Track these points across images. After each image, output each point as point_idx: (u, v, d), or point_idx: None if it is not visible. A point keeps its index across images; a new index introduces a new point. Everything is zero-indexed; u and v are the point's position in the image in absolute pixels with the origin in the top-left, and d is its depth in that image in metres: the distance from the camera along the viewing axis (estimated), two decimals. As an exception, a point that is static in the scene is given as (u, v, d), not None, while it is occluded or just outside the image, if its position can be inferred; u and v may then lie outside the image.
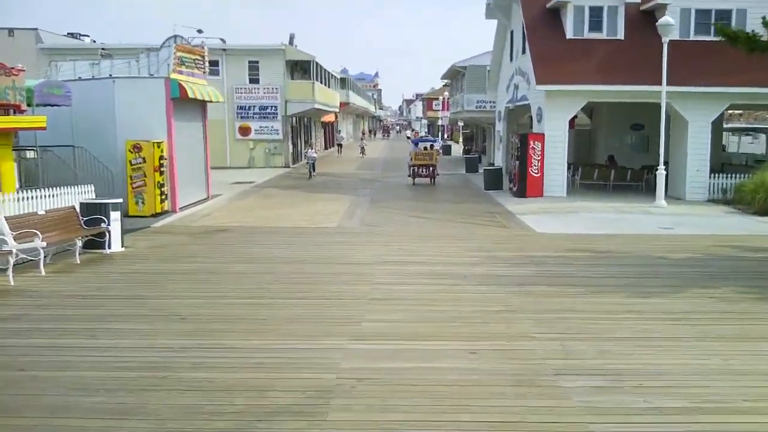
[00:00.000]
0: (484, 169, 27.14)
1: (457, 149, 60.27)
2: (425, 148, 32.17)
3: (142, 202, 18.57)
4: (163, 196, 19.03)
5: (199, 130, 22.61)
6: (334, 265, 13.03)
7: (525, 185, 24.08)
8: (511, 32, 31.17)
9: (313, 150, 37.68)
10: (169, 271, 12.49)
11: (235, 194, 25.25)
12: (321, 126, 57.43)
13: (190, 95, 19.76)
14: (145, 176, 18.54)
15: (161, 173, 18.84)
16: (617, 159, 28.96)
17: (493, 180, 26.69)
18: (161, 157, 18.81)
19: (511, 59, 31.47)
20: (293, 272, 12.30)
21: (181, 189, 20.21)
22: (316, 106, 39.53)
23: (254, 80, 38.75)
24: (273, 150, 39.17)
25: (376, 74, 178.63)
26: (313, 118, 49.95)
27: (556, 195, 24.06)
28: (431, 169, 30.05)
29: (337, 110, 56.02)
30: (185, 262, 13.23)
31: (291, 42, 42.00)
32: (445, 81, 51.19)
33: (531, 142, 23.99)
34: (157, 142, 18.78)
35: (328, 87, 51.51)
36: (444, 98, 77.01)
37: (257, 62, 38.65)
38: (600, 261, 13.32)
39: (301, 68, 42.30)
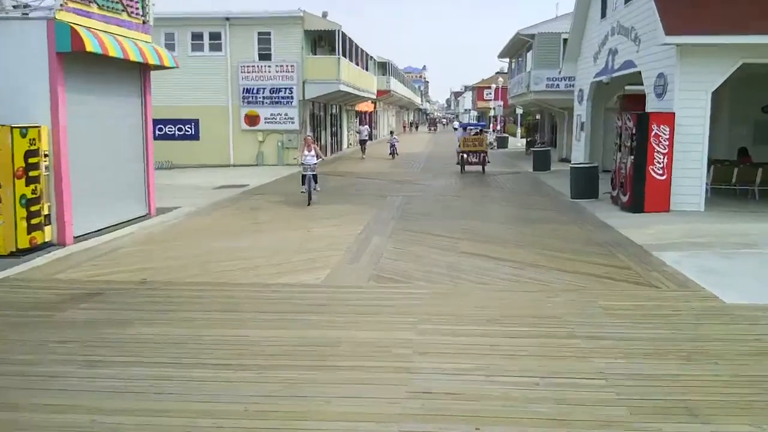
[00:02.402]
0: (573, 167, 18.53)
1: (515, 143, 51.45)
2: (475, 134, 28.96)
3: (-6, 231, 10.68)
4: (39, 220, 11.10)
5: (134, 112, 14.66)
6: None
7: (642, 193, 15.52)
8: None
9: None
10: None
11: (203, 207, 17.27)
12: (355, 115, 49.29)
13: (95, 50, 11.78)
14: None
15: (31, 180, 10.91)
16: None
17: (586, 184, 18.10)
18: (31, 153, 10.88)
19: (603, 15, 22.79)
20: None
21: (85, 206, 12.38)
22: (342, 87, 31.37)
23: (265, 56, 30.83)
24: (287, 143, 31.20)
25: (424, 67, 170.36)
26: (342, 106, 41.84)
27: (689, 209, 15.49)
28: (482, 155, 27.13)
29: (374, 97, 47.78)
30: None
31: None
32: (503, 61, 42.48)
33: (654, 127, 15.40)
34: (24, 127, 10.87)
35: (365, 69, 43.38)
36: (497, 86, 68.40)
37: (269, 34, 30.71)
38: None
39: (327, 43, 34.22)
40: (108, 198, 13.33)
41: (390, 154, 35.68)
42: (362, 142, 36.91)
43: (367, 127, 38.70)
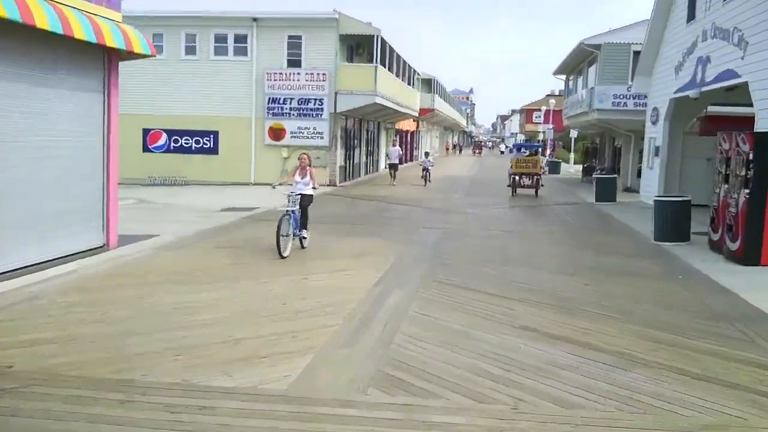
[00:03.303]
0: (659, 201, 14.44)
1: (567, 169, 47.28)
2: (529, 155, 27.49)
3: None
4: None
5: (90, 112, 11.24)
6: None
7: (761, 240, 11.54)
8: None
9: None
10: None
11: (186, 236, 13.82)
12: (395, 134, 45.82)
13: (8, 15, 8.39)
14: None
15: None
16: None
17: (675, 223, 14.11)
18: None
19: (691, 18, 18.92)
20: None
21: (14, 233, 9.03)
22: (379, 100, 27.89)
23: (294, 62, 27.58)
24: (315, 161, 27.59)
25: (471, 90, 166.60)
26: (381, 123, 38.42)
27: (825, 263, 11.45)
28: (535, 178, 25.53)
29: (416, 115, 44.28)
30: None
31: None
32: (560, 78, 38.57)
33: (783, 152, 11.45)
34: None
35: (409, 84, 39.92)
36: (548, 108, 64.29)
37: (300, 37, 27.47)
38: None
39: (365, 51, 30.87)
40: (48, 224, 9.93)
41: (422, 178, 29.60)
42: (392, 167, 30.25)
43: (398, 149, 31.69)
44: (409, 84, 40.45)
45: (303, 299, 8.66)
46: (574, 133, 49.04)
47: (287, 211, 11.57)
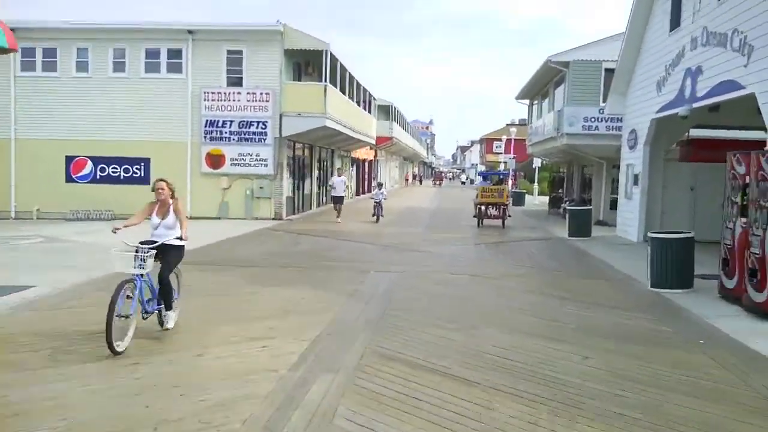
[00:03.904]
0: (656, 239, 11.76)
1: (531, 201, 45.18)
2: (495, 183, 26.77)
3: None
4: None
5: None
6: None
7: (795, 291, 9.10)
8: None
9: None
10: None
11: (64, 289, 10.84)
12: (351, 162, 43.24)
13: None
14: None
15: None
16: None
17: (676, 265, 11.59)
18: None
19: (676, 26, 16.83)
20: None
21: None
22: (329, 123, 25.26)
23: (235, 80, 24.90)
24: (258, 191, 24.95)
25: (431, 121, 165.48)
26: (335, 149, 35.77)
27: None
28: (502, 208, 24.29)
29: (372, 142, 41.80)
30: None
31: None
32: (522, 103, 36.45)
33: (824, 177, 9.07)
34: None
35: (367, 111, 37.49)
36: (509, 138, 62.51)
37: (240, 52, 24.82)
38: None
39: (315, 70, 28.30)
40: None
41: (373, 215, 25.27)
42: (336, 201, 25.39)
43: (343, 179, 26.81)
44: (365, 110, 38.04)
45: (181, 395, 5.83)
46: (537, 163, 47.11)
47: (132, 276, 7.22)
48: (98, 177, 25.37)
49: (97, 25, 25.03)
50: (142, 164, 25.21)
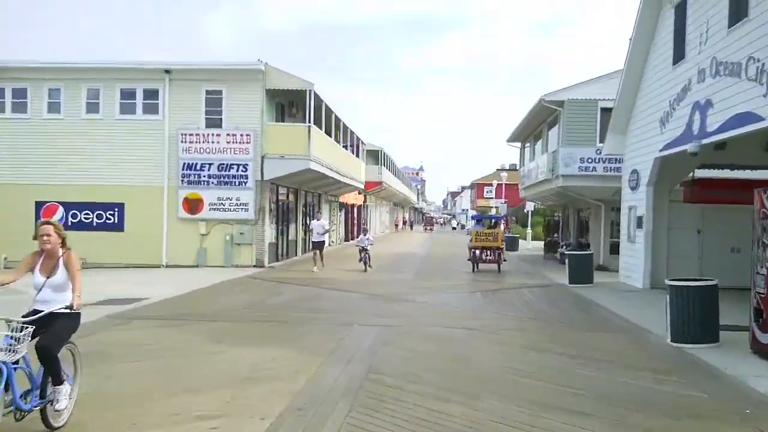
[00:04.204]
0: (675, 286, 10.38)
1: (524, 245, 43.85)
2: (489, 227, 25.56)
3: None
4: None
5: None
6: None
7: None
8: (678, 9, 15.82)
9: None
10: None
11: None
12: (339, 208, 41.96)
13: None
14: None
15: None
16: None
17: (701, 317, 10.21)
18: None
19: (679, 59, 15.83)
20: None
21: None
22: (313, 165, 24.02)
23: (214, 122, 23.69)
24: (238, 237, 23.54)
25: (421, 168, 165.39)
26: (322, 195, 34.53)
27: None
28: (497, 252, 23.57)
29: (361, 187, 40.62)
30: None
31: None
32: (514, 145, 35.51)
33: None
34: None
35: (355, 155, 36.45)
36: (499, 183, 61.55)
37: (220, 92, 23.68)
38: None
39: (299, 111, 27.17)
40: None
41: (360, 261, 23.07)
42: (316, 246, 22.96)
43: (323, 223, 24.51)
44: (354, 154, 36.97)
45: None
46: (530, 206, 46.00)
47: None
48: (70, 223, 23.78)
49: (69, 65, 23.88)
50: (116, 210, 23.81)
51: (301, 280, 19.58)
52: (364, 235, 24.10)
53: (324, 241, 23.63)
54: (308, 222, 29.96)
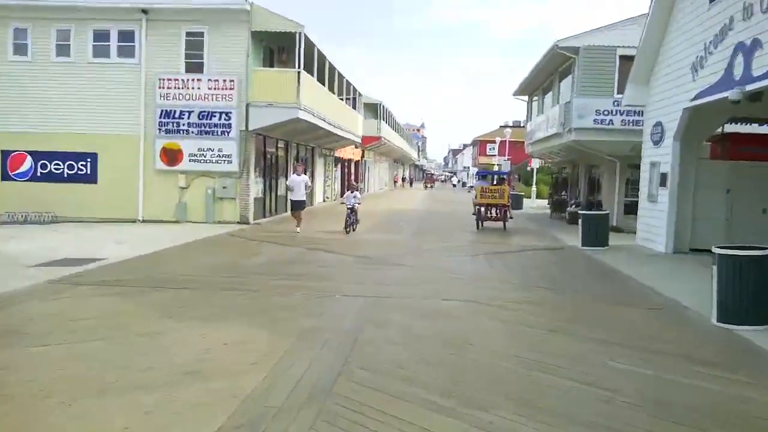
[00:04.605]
0: (724, 255, 8.52)
1: (529, 204, 42.09)
2: (495, 184, 24.46)
3: None
4: None
5: None
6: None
7: None
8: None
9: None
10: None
11: None
12: (335, 163, 40.00)
13: None
14: None
15: None
16: None
17: (755, 295, 8.42)
18: None
19: (717, -4, 13.71)
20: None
21: None
22: (302, 114, 22.00)
23: (195, 66, 21.62)
24: (221, 191, 21.69)
25: (422, 125, 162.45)
26: (316, 148, 32.54)
27: None
28: (503, 210, 22.72)
29: (358, 141, 38.59)
30: None
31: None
32: (521, 99, 33.35)
33: None
34: None
35: (351, 106, 34.36)
36: (503, 140, 59.34)
37: (201, 34, 21.55)
38: None
39: (290, 56, 24.97)
40: None
41: (346, 225, 19.89)
42: (295, 206, 20.22)
43: (305, 178, 20.45)
44: (352, 106, 34.85)
45: None
46: (535, 164, 44.09)
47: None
48: (39, 174, 22.02)
49: (37, 3, 21.65)
50: (89, 160, 21.90)
51: (285, 239, 17.76)
52: (351, 192, 20.79)
53: (304, 200, 20.56)
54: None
